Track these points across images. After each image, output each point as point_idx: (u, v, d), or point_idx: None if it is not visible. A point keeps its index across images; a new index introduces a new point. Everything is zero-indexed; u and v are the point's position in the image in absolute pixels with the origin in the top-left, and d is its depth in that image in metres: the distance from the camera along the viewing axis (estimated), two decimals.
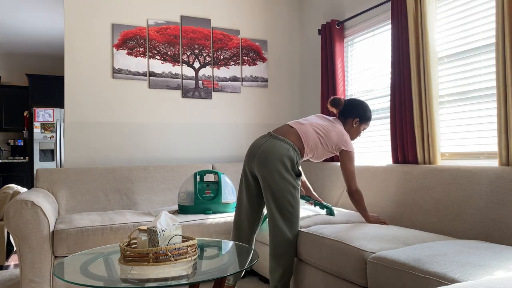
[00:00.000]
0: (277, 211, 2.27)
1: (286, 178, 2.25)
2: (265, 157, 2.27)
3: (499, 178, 2.11)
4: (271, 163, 2.25)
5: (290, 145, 2.30)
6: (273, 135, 2.34)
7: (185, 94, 3.80)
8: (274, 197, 2.27)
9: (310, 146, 2.36)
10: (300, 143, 2.34)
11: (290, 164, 2.27)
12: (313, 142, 2.36)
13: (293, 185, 2.28)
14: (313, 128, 2.39)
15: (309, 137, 2.36)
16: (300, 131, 2.36)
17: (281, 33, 4.28)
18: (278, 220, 2.27)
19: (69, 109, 3.43)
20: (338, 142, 2.39)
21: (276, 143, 2.29)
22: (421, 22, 2.70)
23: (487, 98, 2.46)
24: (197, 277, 1.54)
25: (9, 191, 3.52)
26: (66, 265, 1.74)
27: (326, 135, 2.39)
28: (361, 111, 2.50)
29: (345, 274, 1.97)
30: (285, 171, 2.25)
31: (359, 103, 2.52)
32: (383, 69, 3.29)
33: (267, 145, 2.30)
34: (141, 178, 3.36)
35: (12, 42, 6.48)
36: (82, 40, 3.48)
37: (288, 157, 2.26)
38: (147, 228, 1.79)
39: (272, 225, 2.30)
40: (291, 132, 2.36)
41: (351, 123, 2.51)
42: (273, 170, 2.24)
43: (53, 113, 6.64)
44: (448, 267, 1.52)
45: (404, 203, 2.58)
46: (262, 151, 2.29)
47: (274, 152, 2.26)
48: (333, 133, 2.40)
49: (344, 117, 2.52)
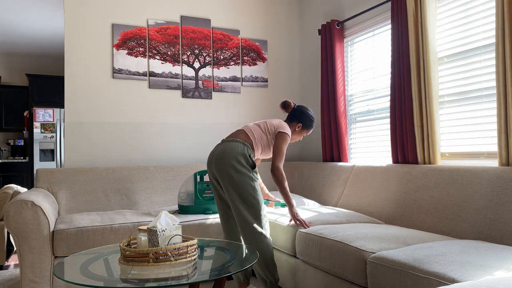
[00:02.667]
0: (241, 206, 2.38)
1: (243, 172, 2.39)
2: (220, 159, 2.43)
3: (499, 178, 2.11)
4: (225, 162, 2.40)
5: (240, 142, 2.47)
6: (225, 140, 2.54)
7: (185, 94, 3.80)
8: (235, 194, 2.38)
9: (256, 138, 2.55)
10: (248, 138, 2.53)
11: (243, 158, 2.42)
12: (257, 134, 2.56)
13: (251, 177, 2.42)
14: (256, 124, 2.63)
15: (253, 131, 2.57)
16: (245, 128, 2.59)
17: (281, 33, 4.28)
18: (245, 215, 2.38)
19: (69, 109, 3.43)
20: (276, 126, 2.59)
21: (227, 145, 2.47)
22: (421, 22, 2.70)
23: (487, 98, 2.46)
24: (197, 277, 1.54)
25: (9, 191, 3.52)
26: (66, 265, 1.74)
27: (268, 123, 2.61)
28: (305, 119, 2.70)
29: (345, 274, 1.97)
30: (240, 166, 2.40)
31: (305, 111, 2.71)
32: (383, 69, 3.29)
33: (220, 149, 2.47)
34: (141, 178, 3.36)
35: (12, 42, 6.48)
36: (82, 40, 3.48)
37: (240, 153, 2.42)
38: (147, 228, 1.79)
39: (239, 220, 2.39)
40: (239, 132, 2.57)
41: (295, 127, 2.70)
42: (229, 168, 2.39)
43: (53, 113, 6.64)
44: (448, 267, 1.52)
45: (404, 203, 2.58)
46: (216, 156, 2.46)
47: (227, 152, 2.43)
48: (275, 121, 2.62)
49: (290, 120, 2.72)
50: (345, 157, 3.50)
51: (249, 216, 2.37)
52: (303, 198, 3.27)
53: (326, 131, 3.63)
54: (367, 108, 3.45)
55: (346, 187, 3.15)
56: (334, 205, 3.20)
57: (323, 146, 3.69)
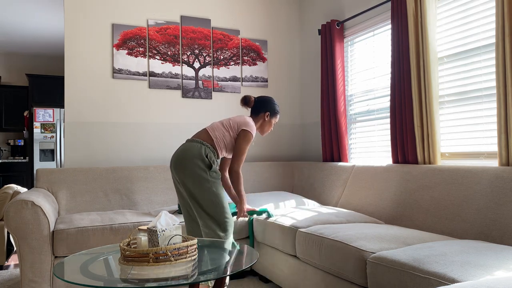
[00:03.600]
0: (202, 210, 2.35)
1: (199, 173, 2.34)
2: (177, 160, 2.40)
3: (499, 178, 2.11)
4: (183, 164, 2.37)
5: (199, 142, 2.42)
6: (188, 140, 2.48)
7: (185, 94, 3.80)
8: (193, 195, 2.35)
9: (217, 137, 2.48)
10: (209, 138, 2.47)
11: (199, 160, 2.36)
12: (219, 133, 2.49)
13: (207, 179, 2.35)
14: (220, 122, 2.56)
15: (215, 129, 2.50)
16: (209, 127, 2.52)
17: (281, 33, 4.28)
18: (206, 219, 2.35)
19: (69, 109, 3.43)
20: (240, 123, 2.52)
21: (186, 146, 2.43)
22: (421, 22, 2.70)
23: (487, 98, 2.46)
24: (197, 277, 1.54)
25: (9, 191, 3.52)
26: (66, 265, 1.74)
27: (231, 120, 2.54)
28: (270, 106, 2.66)
29: (345, 274, 1.97)
30: (197, 168, 2.35)
31: (268, 99, 2.69)
32: (383, 69, 3.29)
33: (179, 150, 2.44)
34: (141, 178, 3.36)
35: (12, 42, 6.48)
36: (82, 40, 3.48)
37: (196, 154, 2.37)
38: (147, 228, 1.79)
39: (202, 224, 2.37)
40: (201, 132, 2.52)
41: (263, 117, 2.66)
42: (186, 170, 2.35)
43: (53, 113, 6.64)
44: (448, 267, 1.52)
45: (404, 203, 2.58)
46: (176, 157, 2.43)
47: (184, 153, 2.39)
48: (238, 118, 2.56)
49: (256, 113, 2.66)
50: (345, 157, 3.50)
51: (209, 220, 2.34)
52: (303, 198, 3.27)
53: (326, 131, 3.63)
54: (367, 108, 3.45)
55: (346, 187, 3.15)
56: (334, 205, 3.20)
57: (323, 146, 3.69)
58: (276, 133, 4.22)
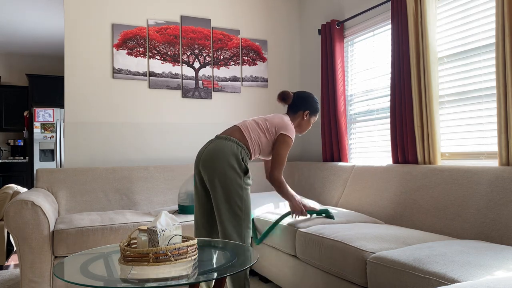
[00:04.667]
0: (226, 216, 2.16)
1: (232, 177, 2.14)
2: (209, 159, 2.18)
3: (499, 178, 2.11)
4: (215, 164, 2.15)
5: (234, 141, 2.21)
6: (218, 136, 2.27)
7: (185, 94, 3.80)
8: (223, 201, 2.16)
9: (253, 138, 2.27)
10: (243, 138, 2.26)
11: (235, 161, 2.16)
12: (255, 133, 2.28)
13: (240, 185, 2.16)
14: (254, 120, 2.34)
15: (251, 130, 2.28)
16: (242, 126, 2.30)
17: (281, 33, 4.28)
18: (229, 227, 2.16)
19: (69, 109, 3.43)
20: (278, 125, 2.30)
21: (219, 143, 2.21)
22: (421, 22, 2.70)
23: (487, 98, 2.46)
24: (197, 277, 1.54)
25: (9, 191, 3.52)
26: (66, 265, 1.74)
27: (268, 122, 2.32)
28: (311, 103, 2.46)
29: (345, 274, 1.97)
30: (231, 170, 2.14)
31: (308, 95, 2.47)
32: (383, 69, 3.29)
33: (211, 148, 2.21)
34: (141, 178, 3.36)
35: (12, 42, 6.48)
36: (82, 40, 3.48)
37: (232, 154, 2.16)
38: (147, 228, 1.79)
39: (223, 232, 2.19)
40: (234, 130, 2.29)
41: (302, 116, 2.45)
42: (218, 171, 2.14)
43: (53, 113, 6.64)
44: (448, 267, 1.52)
45: (404, 203, 2.58)
46: (206, 155, 2.20)
47: (218, 152, 2.17)
48: (276, 119, 2.33)
49: (294, 111, 2.46)
50: (345, 157, 3.50)
51: (231, 226, 2.16)
52: (303, 198, 3.27)
53: (326, 131, 3.63)
54: (367, 108, 3.45)
55: (346, 187, 3.15)
56: (334, 205, 3.20)
57: (323, 146, 3.69)
58: None
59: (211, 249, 1.99)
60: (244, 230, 2.21)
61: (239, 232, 2.19)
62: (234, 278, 2.19)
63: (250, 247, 2.24)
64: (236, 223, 2.18)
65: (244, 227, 2.20)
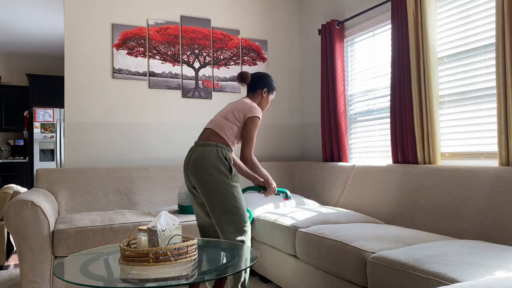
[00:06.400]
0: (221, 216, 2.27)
1: (220, 179, 2.26)
2: (195, 167, 2.30)
3: (499, 178, 2.11)
4: (201, 170, 2.27)
5: (213, 145, 2.33)
6: (198, 144, 2.37)
7: (185, 94, 3.80)
8: (215, 204, 2.27)
9: (228, 134, 2.39)
10: (219, 138, 2.37)
11: (220, 163, 2.29)
12: (228, 128, 2.40)
13: (229, 184, 2.28)
14: (222, 116, 2.44)
15: (223, 126, 2.40)
16: (214, 126, 2.41)
17: (281, 33, 4.28)
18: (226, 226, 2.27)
19: (69, 109, 3.43)
20: (245, 110, 2.42)
21: (201, 150, 2.32)
22: (421, 22, 2.70)
23: (487, 98, 2.46)
24: (197, 277, 1.54)
25: (9, 191, 3.52)
26: (66, 265, 1.74)
27: (235, 110, 2.43)
28: (267, 81, 2.59)
29: (345, 274, 1.97)
30: (218, 172, 2.27)
31: (264, 74, 2.61)
32: (383, 69, 3.29)
33: (194, 156, 2.33)
34: (141, 178, 3.36)
35: (12, 42, 6.48)
36: (82, 40, 3.48)
37: (215, 158, 2.29)
38: (147, 228, 1.79)
39: (220, 229, 2.29)
40: (209, 133, 2.40)
41: (261, 94, 2.58)
42: (205, 177, 2.26)
43: (53, 113, 6.64)
44: (448, 267, 1.52)
45: (404, 203, 2.58)
46: (192, 163, 2.32)
47: (201, 159, 2.29)
48: (240, 104, 2.45)
49: (253, 90, 2.58)
50: (345, 157, 3.50)
51: (227, 225, 2.27)
52: (303, 198, 3.27)
53: (326, 131, 3.63)
54: (367, 108, 3.45)
55: (346, 187, 3.15)
56: (334, 205, 3.20)
57: (323, 146, 3.69)
58: (276, 133, 4.22)
59: (211, 249, 1.99)
60: (242, 224, 2.30)
61: (238, 227, 2.29)
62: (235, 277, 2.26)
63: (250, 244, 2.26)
64: (234, 220, 2.28)
65: (242, 222, 2.30)
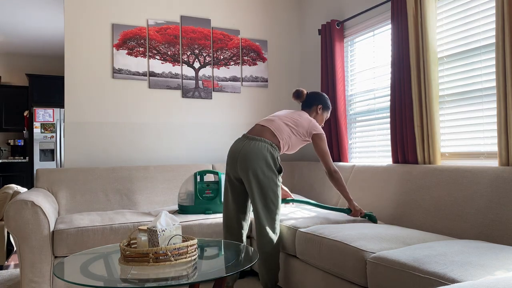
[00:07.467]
0: (262, 211, 2.37)
1: (269, 176, 2.36)
2: (247, 159, 2.37)
3: (499, 178, 2.11)
4: (253, 164, 2.36)
5: (268, 143, 2.42)
6: (250, 137, 2.46)
7: (185, 94, 3.80)
8: (259, 197, 2.37)
9: (284, 139, 2.50)
10: (276, 139, 2.48)
11: (272, 162, 2.39)
12: (286, 134, 2.51)
13: (275, 182, 2.39)
14: (283, 121, 2.55)
15: (282, 131, 2.51)
16: (272, 128, 2.50)
17: (281, 33, 4.28)
18: (263, 220, 2.38)
19: (69, 109, 3.43)
20: (308, 127, 2.56)
21: (254, 144, 2.41)
22: (421, 22, 2.70)
23: (487, 98, 2.46)
24: (197, 277, 1.54)
25: (9, 191, 3.52)
26: (66, 265, 1.74)
27: (296, 124, 2.55)
28: (323, 99, 2.74)
29: (345, 274, 1.97)
30: (268, 170, 2.37)
31: (320, 93, 2.76)
32: (383, 69, 3.29)
33: (246, 148, 2.40)
34: (141, 178, 3.36)
35: (12, 42, 6.48)
36: (82, 40, 3.48)
37: (269, 155, 2.38)
38: (147, 228, 1.79)
39: (258, 225, 2.39)
40: (265, 131, 2.49)
41: (316, 110, 2.71)
42: (257, 171, 2.35)
43: (53, 113, 6.64)
44: (448, 267, 1.52)
45: (404, 203, 2.58)
46: (243, 155, 2.40)
47: (254, 153, 2.37)
48: (302, 121, 2.57)
49: (309, 106, 2.72)
50: (345, 157, 3.50)
51: (265, 220, 2.38)
52: (303, 198, 3.27)
53: (326, 131, 3.63)
54: (367, 108, 3.45)
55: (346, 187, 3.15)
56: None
57: None
58: None
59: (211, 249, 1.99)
60: (276, 224, 2.42)
61: (271, 225, 2.39)
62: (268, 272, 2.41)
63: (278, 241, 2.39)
64: (270, 217, 2.39)
65: (276, 221, 2.42)
